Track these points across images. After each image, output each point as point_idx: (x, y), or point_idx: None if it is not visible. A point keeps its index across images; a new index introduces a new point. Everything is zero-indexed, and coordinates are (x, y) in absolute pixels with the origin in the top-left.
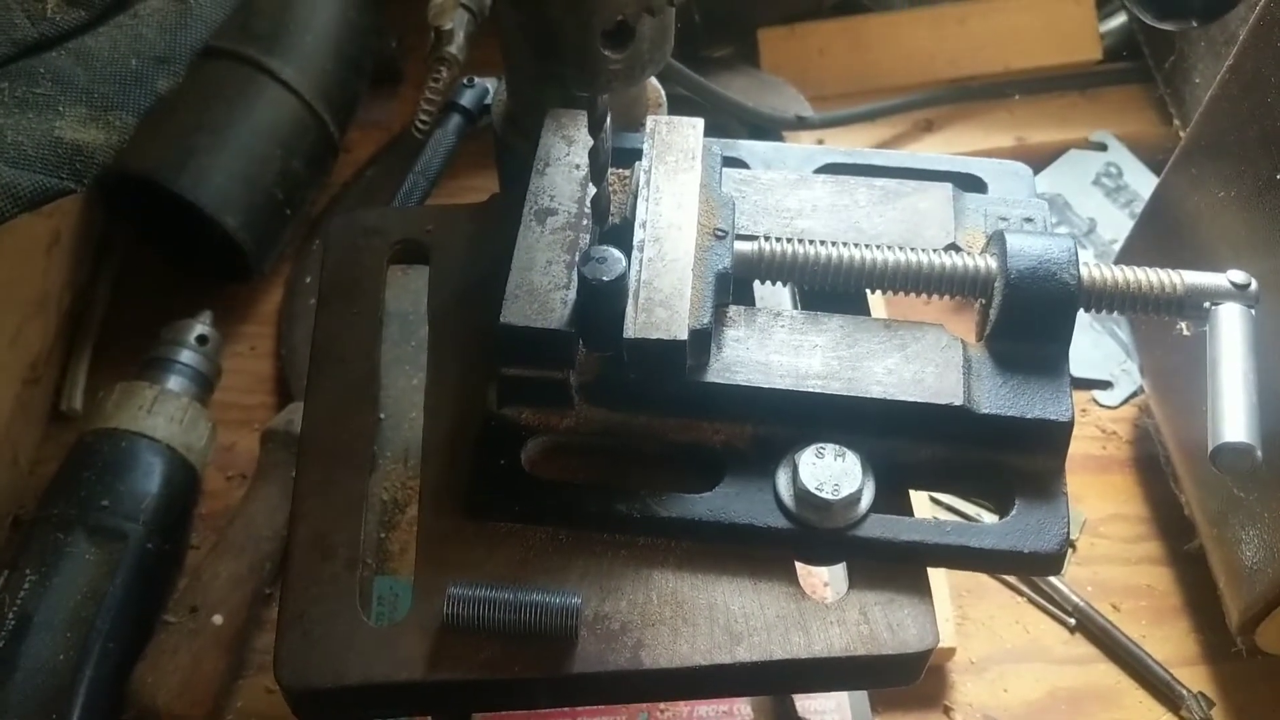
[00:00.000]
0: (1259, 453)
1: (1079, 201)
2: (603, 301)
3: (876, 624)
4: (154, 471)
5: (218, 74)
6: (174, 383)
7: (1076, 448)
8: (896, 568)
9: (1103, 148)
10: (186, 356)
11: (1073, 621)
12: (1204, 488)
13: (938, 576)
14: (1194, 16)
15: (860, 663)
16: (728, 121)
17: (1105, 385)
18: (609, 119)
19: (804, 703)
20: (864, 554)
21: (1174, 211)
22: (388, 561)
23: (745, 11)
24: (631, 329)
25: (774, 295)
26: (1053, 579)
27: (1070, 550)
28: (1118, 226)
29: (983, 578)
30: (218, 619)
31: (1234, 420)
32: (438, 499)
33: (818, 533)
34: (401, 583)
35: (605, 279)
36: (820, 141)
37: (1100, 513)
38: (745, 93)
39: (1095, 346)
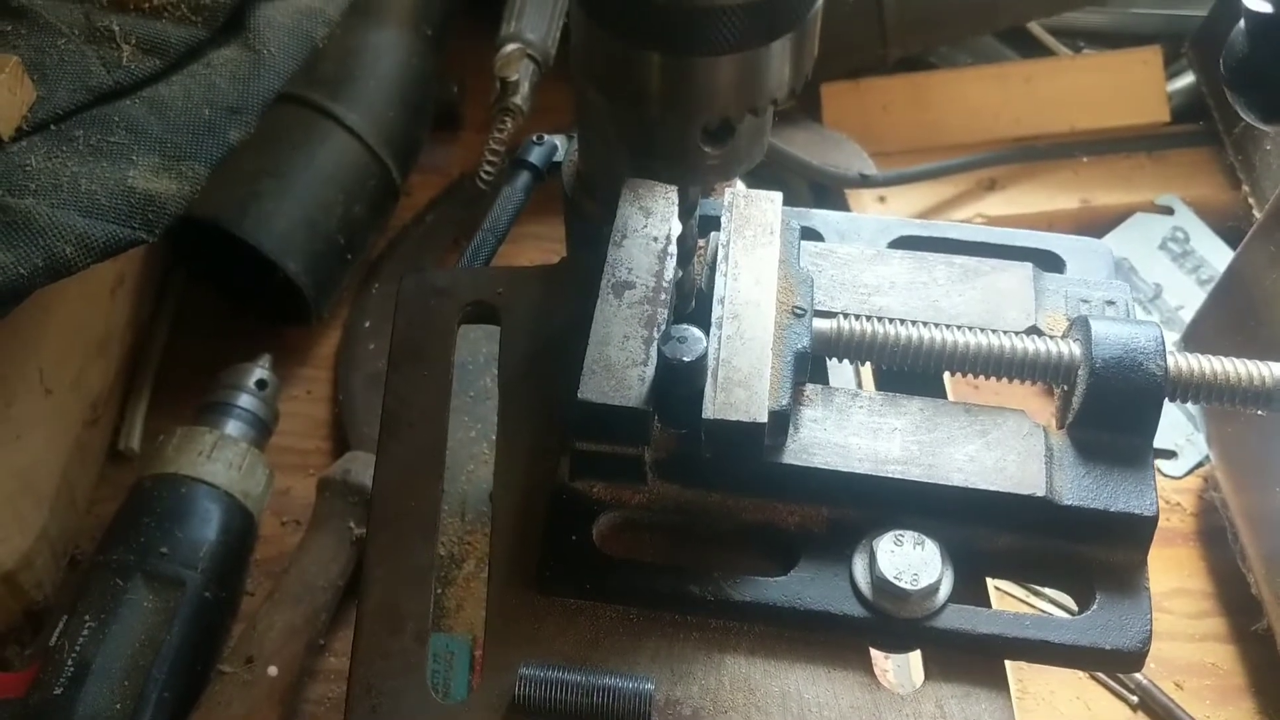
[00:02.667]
0: None
1: (1145, 266)
2: (682, 380)
3: (952, 717)
4: (212, 519)
5: (283, 119)
6: (233, 428)
7: None
8: (973, 659)
9: (1169, 211)
10: (245, 401)
11: (1135, 699)
12: (1273, 565)
13: None
14: None
15: None
16: (789, 177)
17: (1170, 455)
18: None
19: None
20: (941, 644)
21: (1250, 288)
22: (443, 619)
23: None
24: (711, 409)
25: (844, 369)
26: None
27: None
28: (1184, 292)
29: None
30: (273, 670)
31: None
32: (508, 572)
33: (895, 622)
34: (457, 640)
35: (686, 359)
36: (882, 199)
37: (1164, 587)
38: (807, 148)
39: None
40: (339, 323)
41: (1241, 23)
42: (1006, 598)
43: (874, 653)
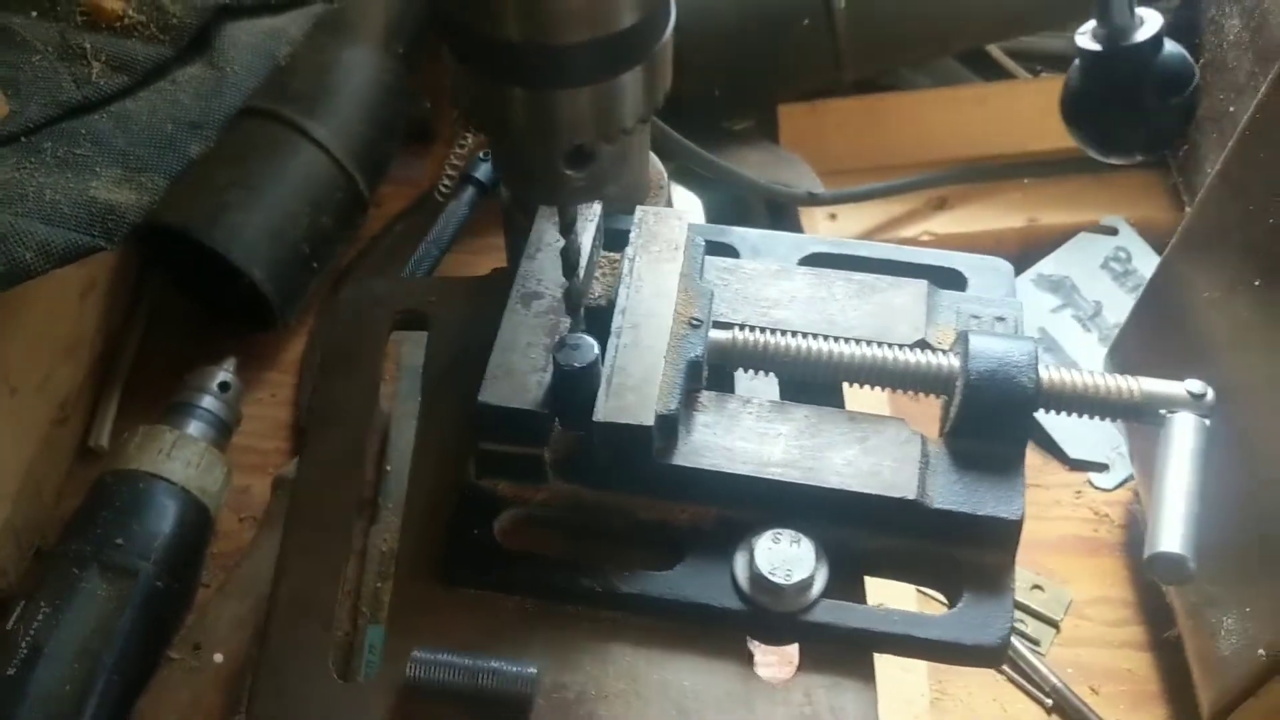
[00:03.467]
0: (1192, 564)
1: (1086, 284)
2: (575, 385)
3: (819, 705)
4: (168, 513)
5: (254, 132)
6: (194, 428)
7: (1069, 529)
8: (845, 652)
9: (1113, 232)
10: (208, 403)
11: (1050, 703)
12: None
13: None
14: (1136, 151)
15: None
16: (745, 196)
17: (1102, 468)
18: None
19: None
20: (813, 637)
21: (1166, 305)
22: (382, 611)
23: (766, 87)
24: (601, 412)
25: (758, 385)
26: (1032, 659)
27: (1054, 631)
28: (1124, 310)
29: None
30: (218, 657)
31: (1171, 530)
32: (413, 564)
33: (770, 615)
34: None
35: (577, 365)
36: (833, 216)
37: (1087, 595)
38: (759, 167)
39: (1095, 429)
40: (305, 329)
41: (1076, 60)
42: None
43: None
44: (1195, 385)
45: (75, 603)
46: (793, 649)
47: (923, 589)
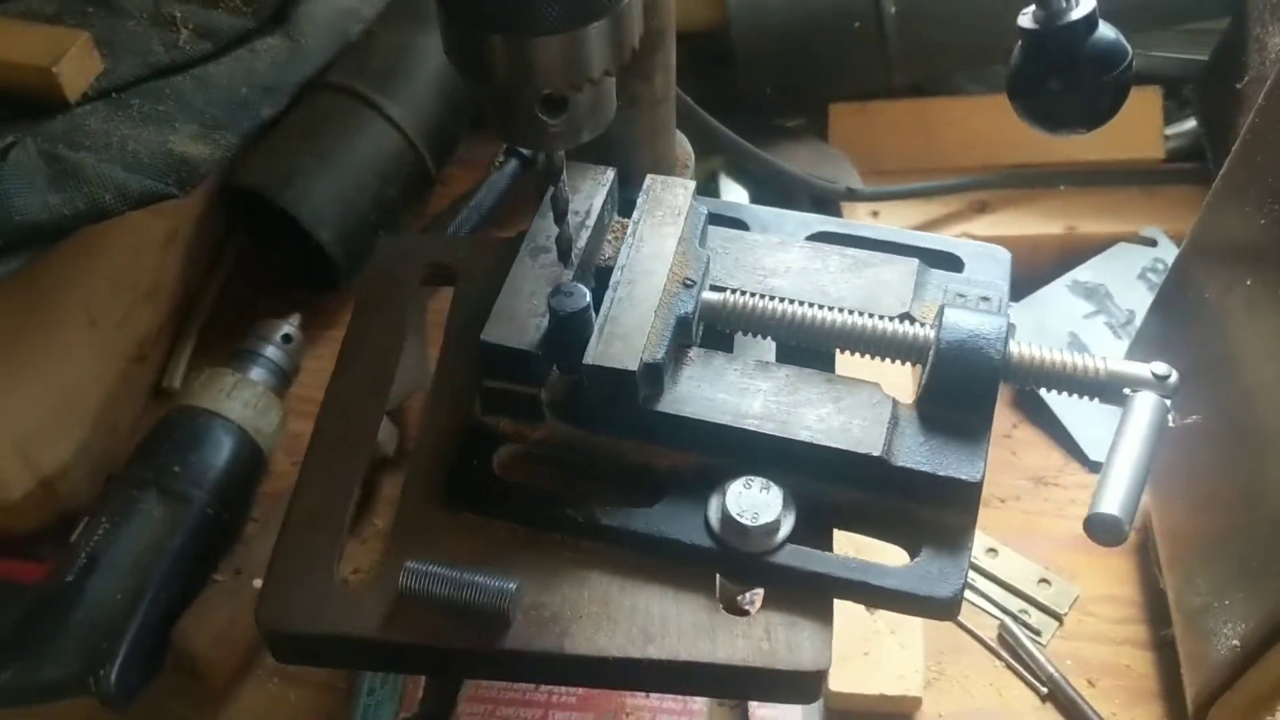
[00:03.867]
0: (1127, 527)
1: (1121, 293)
2: (568, 330)
3: (777, 642)
4: (223, 447)
5: (331, 105)
6: (255, 373)
7: (1081, 528)
8: (807, 596)
9: (1152, 243)
10: (270, 352)
11: (1045, 690)
12: (1175, 573)
13: (915, 632)
14: (1075, 124)
15: (758, 674)
16: (792, 189)
17: None
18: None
19: (758, 713)
20: (776, 579)
21: (1176, 305)
22: None
23: (817, 87)
24: (591, 356)
25: (755, 348)
26: (1032, 648)
27: (1057, 624)
28: None
29: (964, 637)
30: (257, 583)
31: (1114, 494)
32: (419, 488)
33: (736, 554)
34: None
35: (568, 310)
36: (875, 214)
37: (1093, 592)
38: (804, 162)
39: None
40: None
41: (1019, 41)
42: None
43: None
44: (1160, 367)
45: (133, 521)
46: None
47: None
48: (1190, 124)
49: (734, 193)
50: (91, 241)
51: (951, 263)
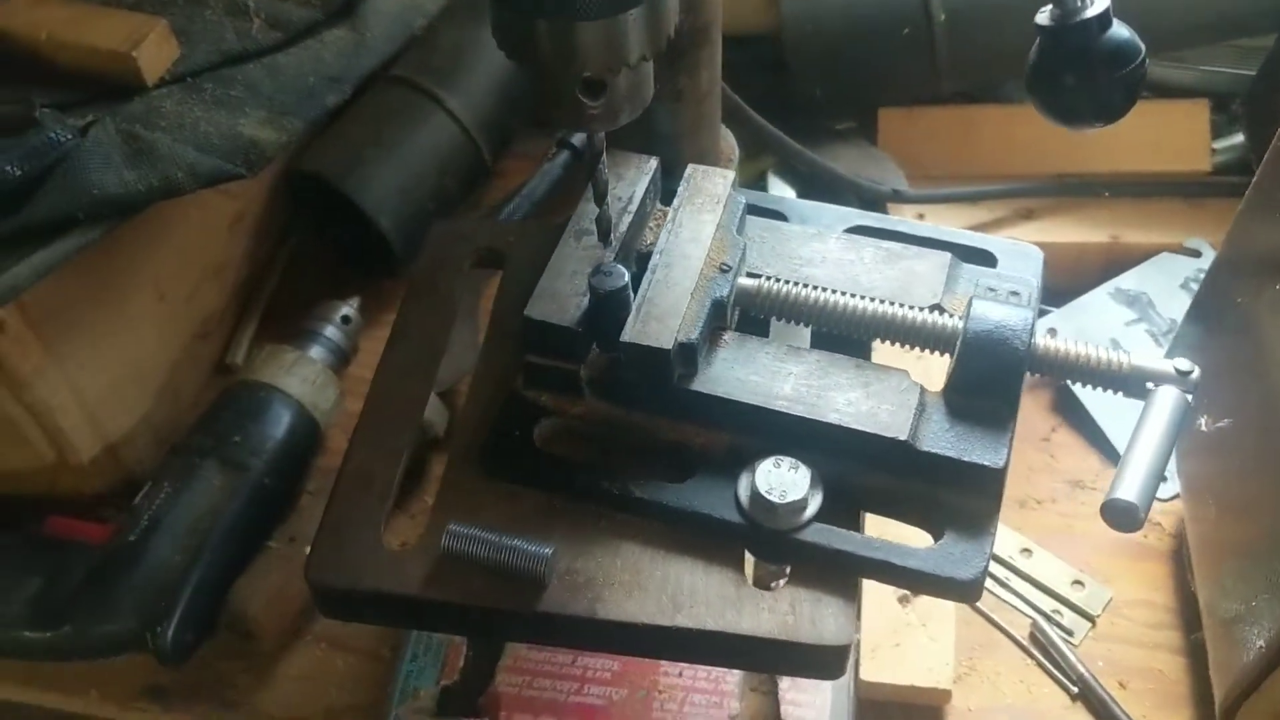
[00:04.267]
0: (1142, 514)
1: (1163, 303)
2: (606, 308)
3: (801, 616)
4: (281, 421)
5: (395, 98)
6: (315, 351)
7: (1119, 533)
8: (832, 573)
9: (1196, 254)
10: (330, 331)
11: (1075, 690)
12: (1207, 577)
13: (946, 625)
14: (1089, 118)
15: (781, 647)
16: (840, 190)
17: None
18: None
19: (787, 696)
20: (802, 556)
21: (1211, 310)
22: None
23: (865, 91)
24: (628, 334)
25: (790, 334)
26: (1064, 648)
27: (1090, 625)
28: None
29: (996, 634)
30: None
31: (1132, 482)
32: (463, 456)
33: (764, 531)
34: None
35: (607, 289)
36: (921, 217)
37: (1128, 596)
38: (850, 163)
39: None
40: None
41: (1037, 38)
42: None
43: None
44: (1183, 363)
45: (193, 487)
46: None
47: None
48: (1238, 139)
49: (782, 192)
50: (163, 219)
51: (985, 259)
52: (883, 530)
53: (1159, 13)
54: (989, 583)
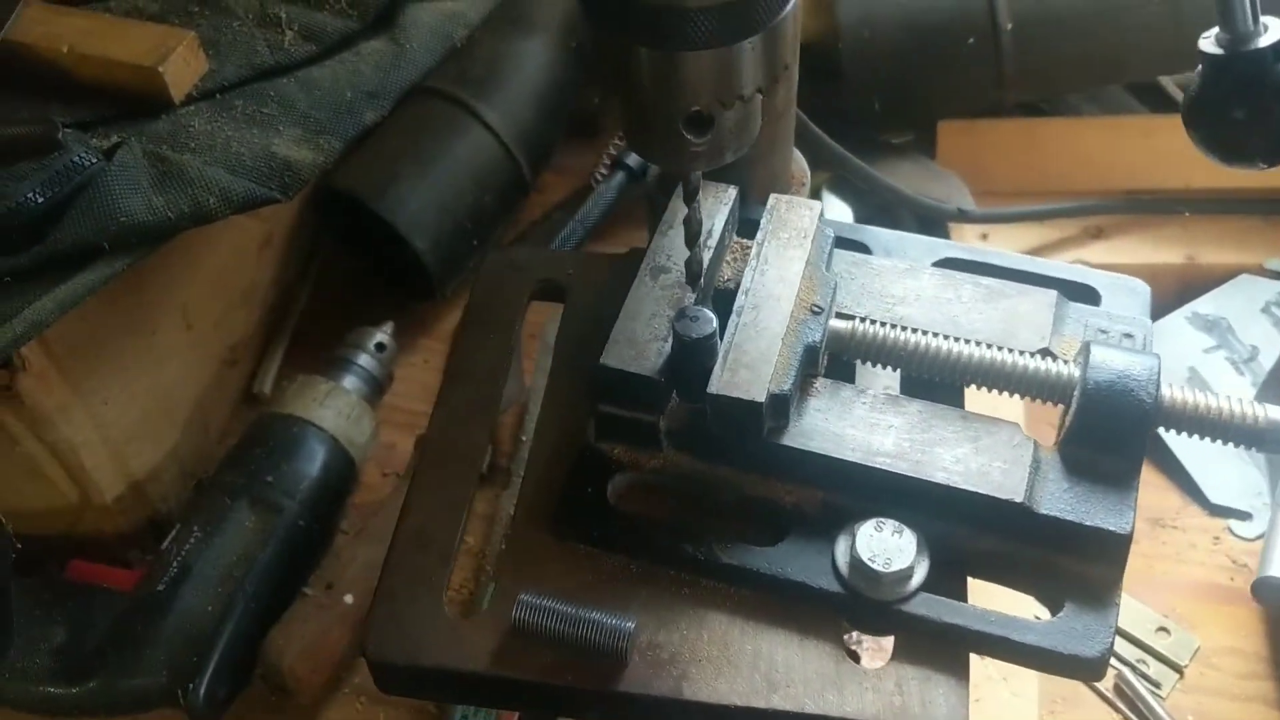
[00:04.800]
0: None
1: (1243, 327)
2: (692, 356)
3: (910, 697)
4: (316, 457)
5: (430, 111)
6: (348, 381)
7: (1203, 575)
8: (940, 647)
9: (1278, 276)
10: (364, 360)
11: None
12: None
13: (1029, 679)
14: (1258, 157)
15: None
16: (896, 208)
17: (1244, 516)
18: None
19: None
20: (908, 628)
21: None
22: None
23: (926, 103)
24: (715, 385)
25: (877, 378)
26: (1152, 702)
27: (1178, 676)
28: None
29: (1081, 688)
30: (349, 598)
31: None
32: (529, 514)
33: (866, 601)
34: None
35: (694, 336)
36: (984, 236)
37: (1216, 643)
38: (912, 180)
39: (1240, 477)
40: (461, 302)
41: (1199, 65)
42: None
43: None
44: None
45: (224, 530)
46: (888, 640)
47: None
48: None
49: (836, 209)
50: (192, 244)
51: (1083, 294)
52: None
53: None
54: None
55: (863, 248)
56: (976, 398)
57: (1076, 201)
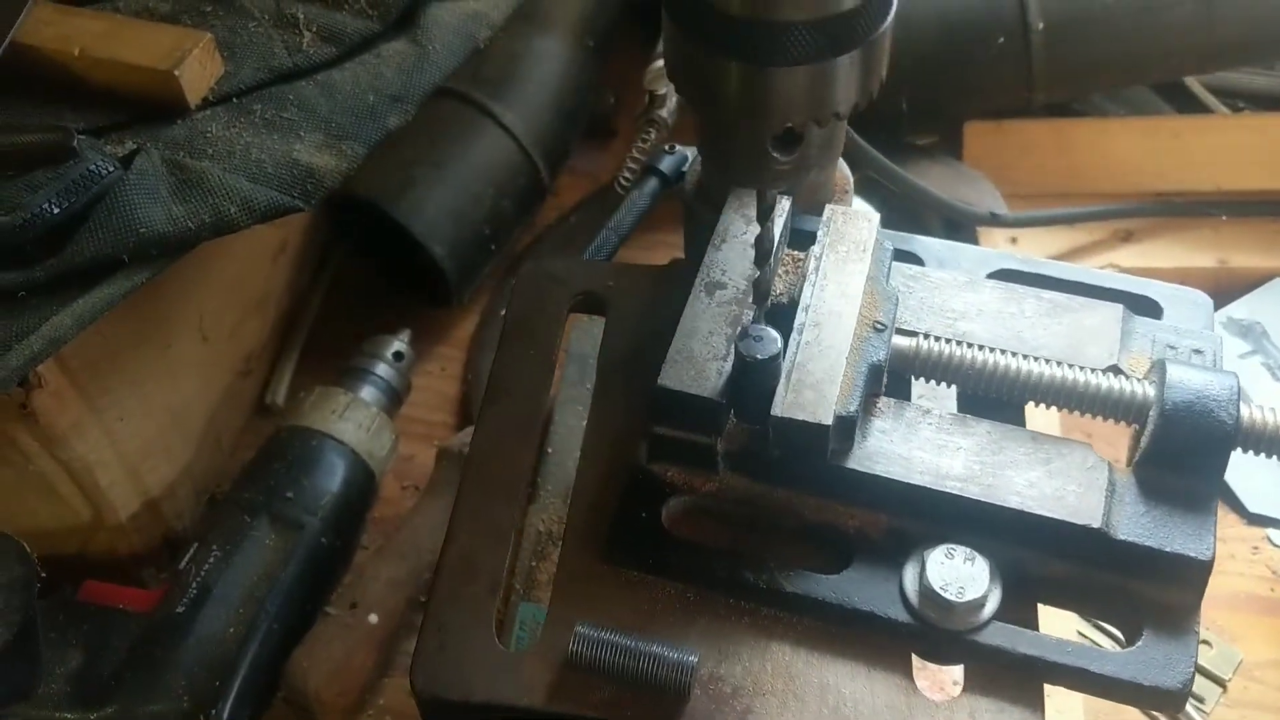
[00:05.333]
0: None
1: (1279, 332)
2: (755, 377)
3: None
4: (336, 472)
5: (445, 112)
6: (367, 393)
7: (1243, 585)
8: (1013, 678)
9: None
10: (382, 370)
11: None
12: None
13: (1072, 696)
14: None
15: None
16: (922, 210)
17: None
18: (786, 206)
19: None
20: (981, 659)
21: None
22: (534, 589)
23: (954, 103)
24: (779, 407)
25: (933, 394)
26: (1196, 716)
27: (1220, 690)
28: None
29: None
30: (373, 618)
31: None
32: (580, 539)
33: (937, 631)
34: (544, 612)
35: (759, 356)
36: (1014, 240)
37: (1260, 656)
38: (941, 183)
39: (1277, 484)
40: (478, 308)
41: None
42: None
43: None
44: None
45: (244, 549)
46: (955, 669)
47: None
48: None
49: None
50: (208, 253)
51: (1143, 306)
52: None
53: (1269, 23)
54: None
55: (914, 258)
56: (1032, 415)
57: (1108, 205)
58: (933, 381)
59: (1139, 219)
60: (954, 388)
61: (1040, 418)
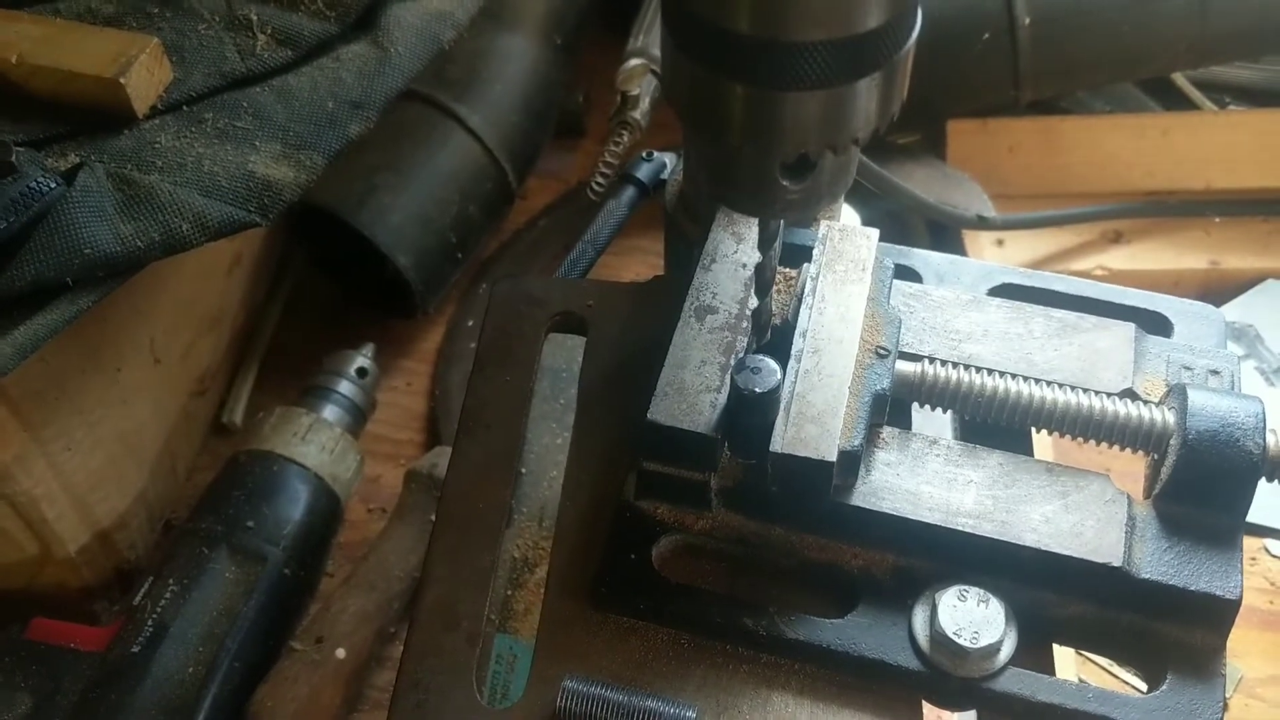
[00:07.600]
0: None
1: (1272, 335)
2: (753, 411)
3: None
4: (300, 498)
5: (408, 116)
6: (330, 412)
7: (1246, 601)
8: None
9: None
10: (345, 388)
11: None
12: None
13: None
14: None
15: None
16: (905, 213)
17: None
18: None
19: None
20: (997, 708)
21: None
22: (510, 620)
23: (936, 101)
24: (779, 443)
25: (931, 418)
26: None
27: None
28: None
29: None
30: (341, 652)
31: None
32: (564, 583)
33: (950, 679)
34: (521, 644)
35: (758, 390)
36: (1000, 243)
37: (1260, 672)
38: (926, 185)
39: (1273, 492)
40: (444, 319)
41: None
42: (1089, 665)
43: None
44: None
45: (203, 583)
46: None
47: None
48: None
49: (846, 216)
50: (158, 271)
51: (1152, 322)
52: None
53: (1265, 13)
54: (1107, 663)
55: (911, 274)
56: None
57: (1098, 205)
58: (936, 409)
59: (1129, 219)
60: (949, 414)
61: (1040, 443)
